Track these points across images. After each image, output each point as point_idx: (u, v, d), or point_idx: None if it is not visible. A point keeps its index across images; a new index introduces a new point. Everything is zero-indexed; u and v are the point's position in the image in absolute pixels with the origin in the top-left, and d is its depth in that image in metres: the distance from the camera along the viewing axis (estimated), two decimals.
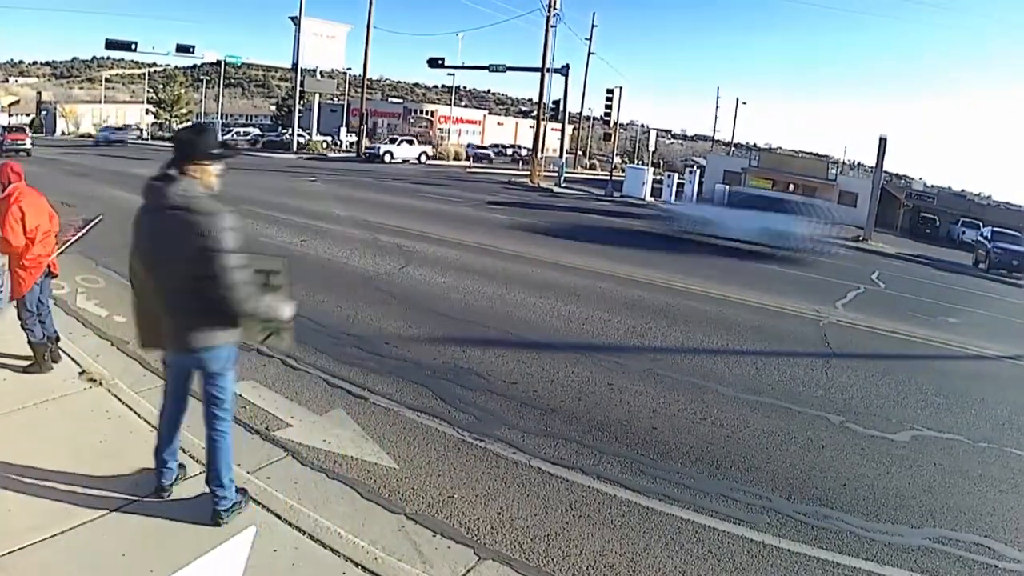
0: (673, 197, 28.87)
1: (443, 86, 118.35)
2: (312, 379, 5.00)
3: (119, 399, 4.15)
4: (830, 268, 14.98)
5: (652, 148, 41.14)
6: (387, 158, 38.69)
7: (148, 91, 69.36)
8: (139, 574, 2.59)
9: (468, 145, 55.55)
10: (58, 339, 4.69)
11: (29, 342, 4.44)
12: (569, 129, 42.13)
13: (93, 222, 5.17)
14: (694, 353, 6.79)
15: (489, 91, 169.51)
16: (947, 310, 11.86)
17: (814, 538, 3.56)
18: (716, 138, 69.47)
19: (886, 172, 29.51)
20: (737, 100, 66.22)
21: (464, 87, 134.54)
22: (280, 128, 54.26)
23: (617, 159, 44.85)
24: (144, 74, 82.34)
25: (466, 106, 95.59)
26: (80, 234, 5.05)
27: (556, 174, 31.15)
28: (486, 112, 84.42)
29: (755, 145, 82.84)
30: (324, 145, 44.29)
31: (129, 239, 2.78)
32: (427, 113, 71.19)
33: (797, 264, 14.35)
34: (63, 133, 60.31)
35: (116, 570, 2.62)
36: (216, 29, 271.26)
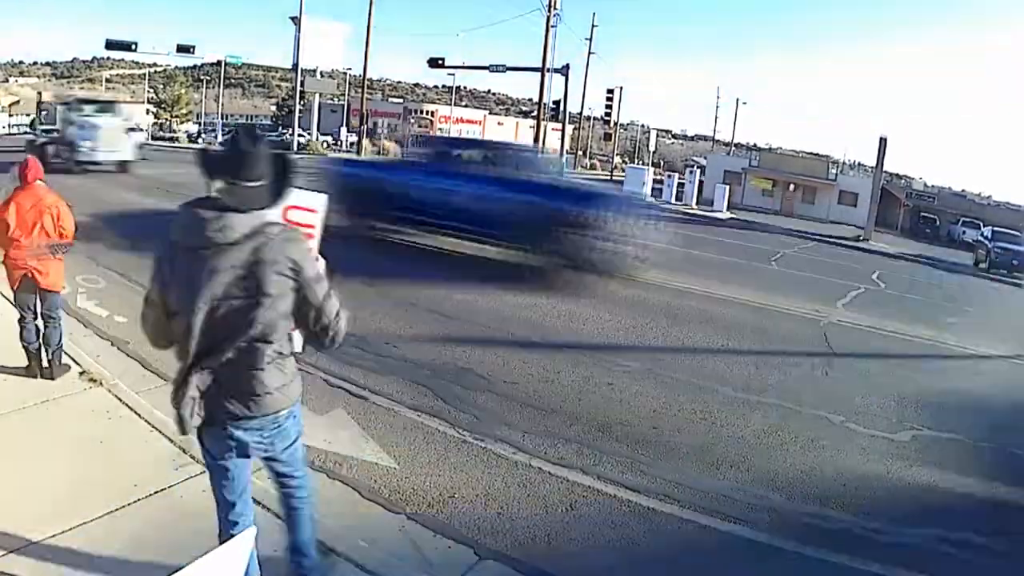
0: (673, 197, 28.91)
1: (443, 86, 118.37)
2: (312, 379, 4.99)
3: (119, 399, 4.15)
4: (830, 268, 15.00)
5: (652, 148, 41.21)
6: None
7: (148, 91, 69.38)
8: (139, 574, 2.59)
9: None
10: (59, 354, 4.50)
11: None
12: (569, 129, 42.12)
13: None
14: (694, 353, 6.79)
15: (489, 91, 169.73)
16: (947, 310, 11.86)
17: (814, 538, 3.56)
18: (716, 138, 69.53)
19: (886, 172, 29.54)
20: (737, 100, 66.25)
21: (464, 87, 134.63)
22: (280, 128, 54.32)
23: (617, 159, 44.90)
24: (144, 74, 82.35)
25: (466, 106, 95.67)
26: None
27: None
28: (486, 112, 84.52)
29: (755, 145, 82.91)
30: (325, 145, 44.30)
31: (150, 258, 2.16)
32: (427, 113, 71.26)
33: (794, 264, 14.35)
34: None
35: (116, 570, 2.62)
36: (216, 29, 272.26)
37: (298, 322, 2.16)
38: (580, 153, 58.65)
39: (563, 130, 34.93)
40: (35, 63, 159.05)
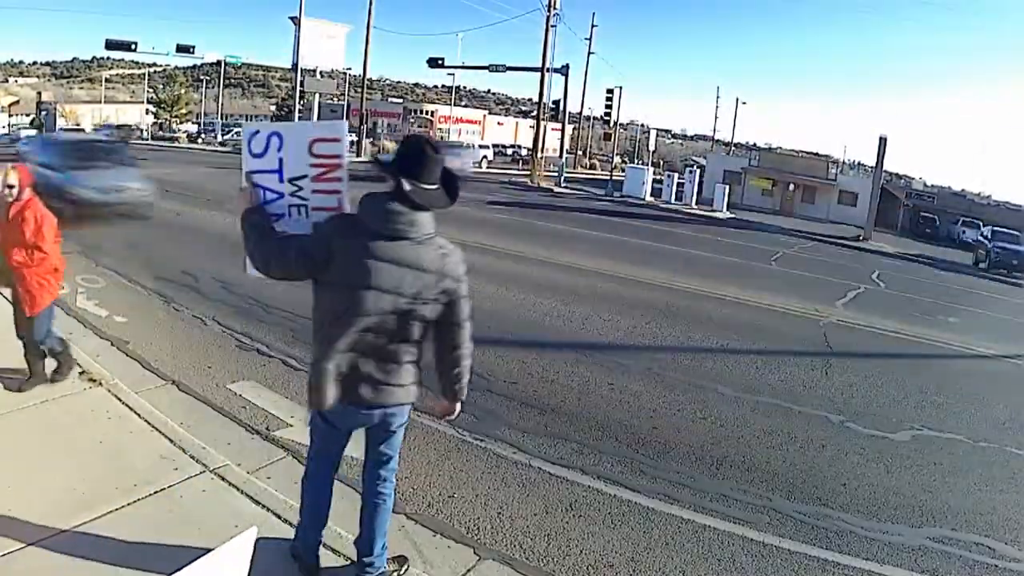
0: (673, 197, 28.91)
1: (443, 86, 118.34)
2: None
3: (119, 399, 4.14)
4: (830, 268, 15.00)
5: (652, 148, 41.13)
6: None
7: (148, 91, 69.37)
8: (139, 574, 2.59)
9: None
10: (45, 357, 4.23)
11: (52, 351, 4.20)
12: (569, 129, 42.17)
13: None
14: (694, 353, 6.79)
15: (489, 91, 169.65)
16: (947, 310, 11.86)
17: (814, 538, 3.56)
18: (716, 138, 69.51)
19: (886, 172, 29.55)
20: (737, 100, 66.32)
21: (464, 87, 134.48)
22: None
23: (617, 159, 44.86)
24: (144, 74, 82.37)
25: (466, 106, 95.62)
26: None
27: (556, 174, 31.15)
28: (486, 112, 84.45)
29: (755, 145, 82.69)
30: None
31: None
32: (427, 113, 71.23)
33: (796, 264, 14.36)
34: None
35: (116, 570, 2.62)
36: (216, 29, 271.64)
37: (436, 332, 2.37)
38: (580, 153, 58.62)
39: (563, 130, 34.92)
40: (35, 63, 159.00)
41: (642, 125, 67.42)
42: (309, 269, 2.23)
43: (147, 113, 60.23)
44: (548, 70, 32.11)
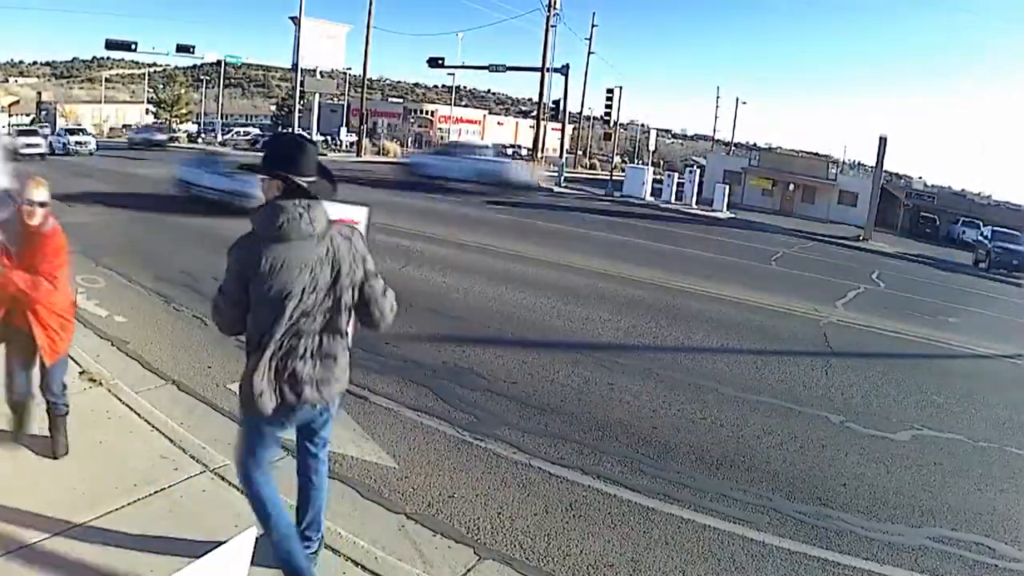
0: (673, 197, 28.88)
1: (443, 86, 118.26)
2: None
3: (119, 399, 4.15)
4: (830, 268, 15.00)
5: (652, 148, 41.11)
6: None
7: (148, 91, 69.39)
8: (139, 574, 2.59)
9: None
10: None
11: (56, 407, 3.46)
12: (569, 129, 42.15)
13: None
14: (694, 353, 6.79)
15: (489, 91, 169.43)
16: (947, 309, 11.86)
17: (814, 538, 3.56)
18: (716, 138, 69.52)
19: (886, 172, 29.54)
20: (737, 100, 66.28)
21: (464, 87, 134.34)
22: (280, 128, 54.24)
23: (617, 159, 44.85)
24: (144, 74, 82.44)
25: (466, 106, 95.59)
26: None
27: (556, 174, 31.14)
28: (486, 112, 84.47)
29: (755, 145, 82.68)
30: (324, 145, 44.27)
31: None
32: (427, 113, 71.22)
33: (793, 264, 14.35)
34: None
35: (116, 570, 2.62)
36: (216, 29, 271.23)
37: (360, 313, 2.44)
38: (580, 153, 58.62)
39: (563, 130, 34.93)
40: (35, 63, 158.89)
41: (642, 125, 67.42)
42: (244, 305, 2.28)
43: (147, 113, 60.26)
44: (548, 70, 32.13)
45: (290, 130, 33.92)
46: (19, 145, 23.42)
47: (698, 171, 32.03)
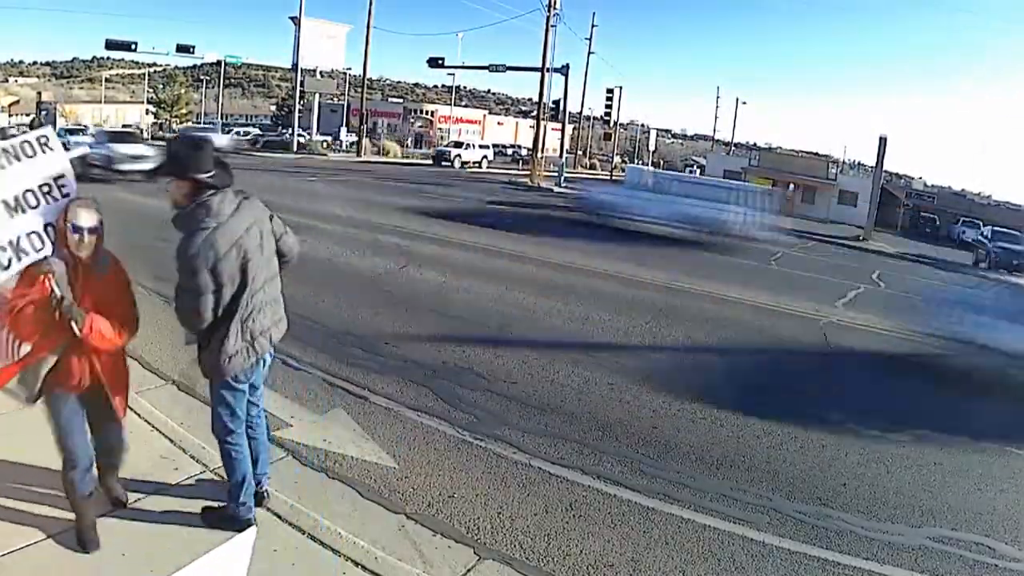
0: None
1: (443, 86, 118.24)
2: (312, 379, 5.00)
3: None
4: (830, 268, 15.00)
5: (652, 148, 41.23)
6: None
7: (148, 91, 69.37)
8: (139, 574, 2.59)
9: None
10: None
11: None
12: (569, 129, 42.11)
13: None
14: (694, 353, 6.79)
15: (489, 91, 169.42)
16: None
17: (814, 538, 3.56)
18: (716, 138, 69.52)
19: (886, 172, 29.54)
20: (737, 100, 66.32)
21: (464, 87, 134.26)
22: (280, 128, 54.21)
23: (617, 159, 44.88)
24: (144, 74, 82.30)
25: (466, 106, 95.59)
26: None
27: (556, 174, 31.14)
28: (486, 112, 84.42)
29: (755, 145, 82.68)
30: (324, 145, 44.28)
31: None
32: (427, 113, 71.20)
33: (797, 263, 14.35)
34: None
35: (116, 570, 2.62)
36: (216, 29, 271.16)
37: (278, 252, 2.91)
38: (580, 153, 58.64)
39: (563, 130, 34.92)
40: (35, 63, 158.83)
41: (642, 125, 67.50)
42: (218, 290, 2.60)
43: (147, 113, 60.23)
44: (548, 70, 32.11)
45: (203, 131, 31.51)
46: (118, 158, 15.82)
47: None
